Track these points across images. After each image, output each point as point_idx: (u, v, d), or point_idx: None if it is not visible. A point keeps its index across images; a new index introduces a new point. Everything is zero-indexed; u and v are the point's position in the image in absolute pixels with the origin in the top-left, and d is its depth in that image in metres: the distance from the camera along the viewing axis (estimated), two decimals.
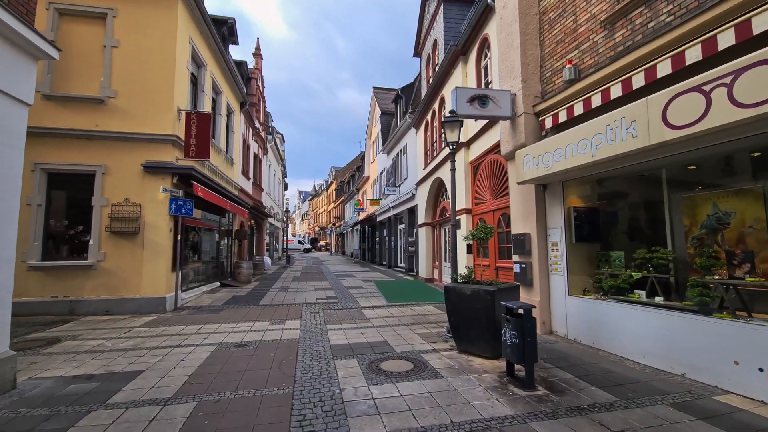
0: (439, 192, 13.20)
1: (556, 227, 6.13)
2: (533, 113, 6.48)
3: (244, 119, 16.14)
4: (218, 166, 11.82)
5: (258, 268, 16.93)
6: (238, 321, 7.18)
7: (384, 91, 25.32)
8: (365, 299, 9.80)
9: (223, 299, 9.76)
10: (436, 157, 12.35)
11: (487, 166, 8.42)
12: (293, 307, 8.62)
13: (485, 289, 4.76)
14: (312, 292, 11.31)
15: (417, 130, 15.21)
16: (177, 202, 8.31)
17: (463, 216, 9.43)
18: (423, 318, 7.43)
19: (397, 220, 19.93)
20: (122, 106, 8.16)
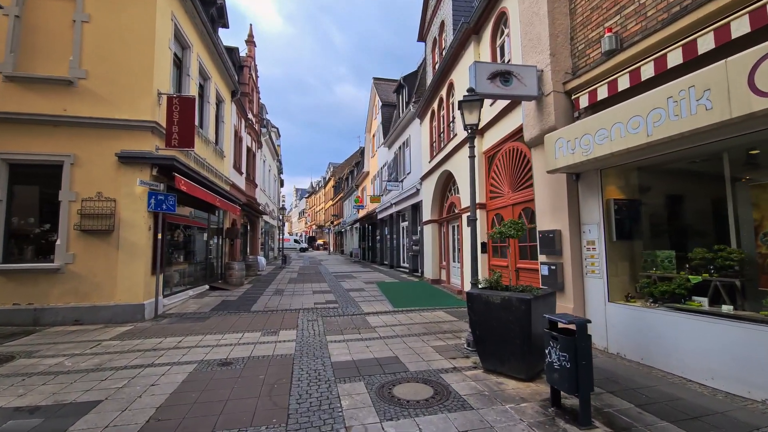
0: (446, 186, 12.44)
1: (592, 223, 5.38)
2: (563, 92, 5.73)
3: (235, 109, 15.33)
4: (206, 158, 11.03)
5: (251, 269, 16.17)
6: (226, 331, 6.41)
7: (384, 82, 24.53)
8: (368, 304, 9.05)
9: (211, 305, 8.99)
10: (443, 148, 11.58)
11: (506, 156, 7.66)
12: (289, 314, 7.86)
13: (519, 297, 4.01)
14: (309, 295, 10.55)
15: (422, 120, 14.44)
16: (157, 197, 7.53)
17: (478, 210, 8.66)
18: (435, 326, 6.69)
19: (400, 217, 19.17)
20: (94, 89, 7.36)
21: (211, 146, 11.73)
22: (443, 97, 11.65)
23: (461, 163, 9.82)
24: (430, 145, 13.35)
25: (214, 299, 9.78)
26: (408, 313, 7.91)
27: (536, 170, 6.27)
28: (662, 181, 5.44)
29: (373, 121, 26.56)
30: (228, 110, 14.06)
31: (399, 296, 10.11)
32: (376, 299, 9.75)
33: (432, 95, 12.64)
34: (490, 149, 8.42)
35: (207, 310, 8.31)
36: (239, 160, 16.17)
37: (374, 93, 24.64)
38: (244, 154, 17.14)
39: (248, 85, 17.76)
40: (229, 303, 9.28)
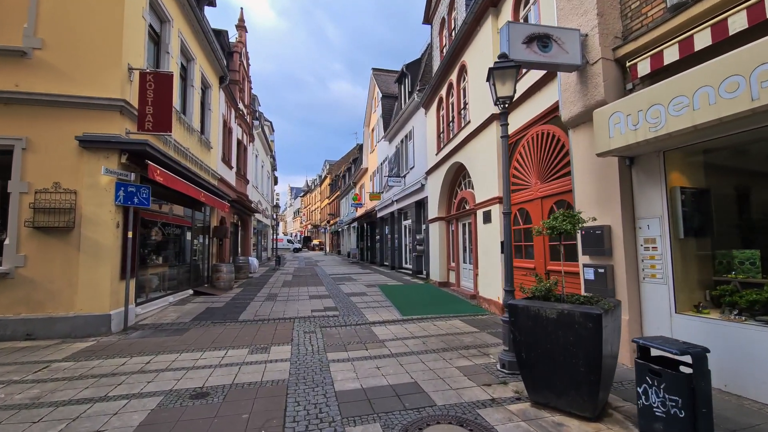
0: (456, 180, 11.53)
1: (651, 216, 4.49)
2: (613, 59, 4.83)
3: (224, 97, 14.33)
4: (190, 148, 10.04)
5: (242, 271, 15.17)
6: (206, 348, 5.45)
7: (384, 73, 23.59)
8: (373, 311, 8.12)
9: (194, 313, 8.01)
10: (453, 138, 10.67)
11: (532, 142, 6.75)
12: (282, 325, 6.91)
13: (585, 312, 3.09)
14: (306, 301, 9.60)
15: (427, 110, 13.53)
16: (126, 189, 6.55)
17: (494, 206, 7.77)
18: (455, 340, 5.77)
19: (402, 215, 18.25)
20: (52, 61, 6.37)
21: (196, 135, 10.73)
22: (453, 83, 10.73)
23: (476, 153, 8.91)
24: (437, 137, 12.44)
25: (198, 306, 8.79)
26: (419, 323, 6.98)
27: (576, 155, 5.37)
28: (738, 165, 4.56)
29: (372, 115, 25.62)
30: (216, 97, 13.06)
31: (406, 302, 9.18)
32: (380, 305, 8.81)
33: (440, 81, 11.72)
34: (511, 136, 7.50)
35: (188, 320, 7.33)
36: (228, 152, 15.17)
37: (373, 84, 23.70)
38: (234, 146, 16.14)
39: (238, 72, 16.75)
40: (215, 311, 8.31)
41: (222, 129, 14.06)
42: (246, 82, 19.02)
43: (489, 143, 8.08)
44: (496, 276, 7.65)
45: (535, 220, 6.55)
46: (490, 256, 7.94)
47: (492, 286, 7.85)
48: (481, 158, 8.60)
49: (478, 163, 8.75)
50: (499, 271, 7.50)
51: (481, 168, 8.60)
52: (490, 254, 7.97)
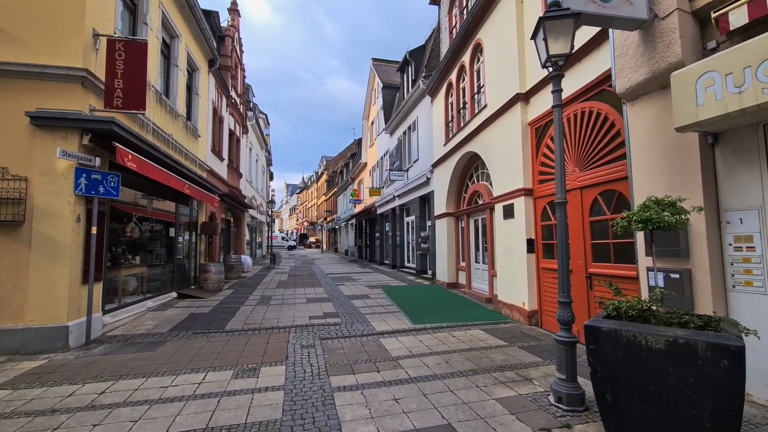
0: (467, 172, 10.53)
1: (747, 207, 3.51)
2: (691, 11, 3.83)
3: (214, 83, 13.21)
4: (173, 134, 8.95)
5: (234, 271, 14.10)
6: (181, 369, 4.42)
7: (385, 63, 22.52)
8: (379, 318, 7.11)
9: (174, 320, 6.96)
10: (465, 126, 9.66)
11: (570, 124, 5.72)
12: (275, 336, 5.88)
13: (715, 343, 2.10)
14: (303, 305, 8.57)
15: (433, 98, 12.50)
16: (90, 176, 5.48)
17: (517, 199, 6.77)
18: (483, 357, 4.77)
19: (404, 211, 17.24)
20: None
21: (181, 121, 9.63)
22: (465, 65, 9.71)
23: (494, 141, 7.90)
24: (446, 126, 11.42)
25: (180, 312, 7.73)
26: (435, 333, 5.99)
27: (635, 135, 4.37)
28: None
29: (371, 107, 24.54)
30: (204, 82, 11.95)
31: (415, 306, 8.18)
32: (387, 310, 7.81)
33: (449, 65, 10.69)
34: (538, 119, 6.51)
35: (165, 330, 6.28)
36: (219, 143, 14.06)
37: (373, 75, 22.61)
38: (225, 137, 15.02)
39: (231, 58, 15.61)
40: (199, 317, 7.26)
41: (212, 117, 12.95)
42: (239, 70, 17.87)
43: (511, 128, 7.07)
44: (520, 279, 6.66)
45: (572, 214, 5.56)
46: (512, 255, 6.95)
47: (515, 290, 6.86)
48: (500, 145, 7.60)
49: (497, 152, 7.74)
50: (524, 273, 6.52)
51: (500, 157, 7.60)
52: (512, 254, 6.98)
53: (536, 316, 6.39)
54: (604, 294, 4.84)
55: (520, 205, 6.72)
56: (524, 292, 6.51)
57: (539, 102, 6.47)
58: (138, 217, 7.80)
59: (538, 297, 6.39)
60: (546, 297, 6.23)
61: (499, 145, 7.66)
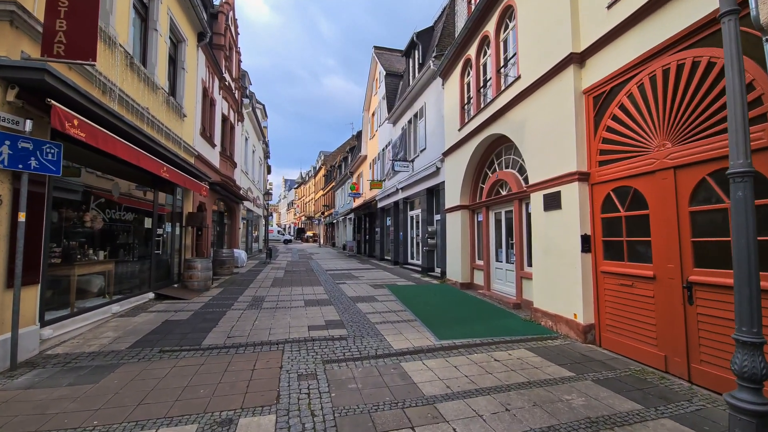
0: (486, 159, 9.05)
1: None
2: None
3: (205, 60, 11.55)
4: (150, 108, 7.36)
5: (226, 266, 12.54)
6: (123, 416, 2.92)
7: (387, 52, 20.88)
8: (393, 329, 5.64)
9: (141, 331, 5.43)
10: (487, 106, 8.16)
11: (657, 82, 4.22)
12: (265, 358, 4.38)
13: None
14: (300, 309, 7.06)
15: (445, 79, 10.98)
16: (16, 143, 3.94)
17: (568, 186, 5.29)
18: (555, 399, 3.31)
19: (408, 204, 15.75)
20: None
21: (161, 96, 8.02)
22: (490, 35, 8.19)
23: (531, 117, 6.42)
24: (460, 109, 9.91)
25: (152, 318, 6.19)
26: (470, 354, 4.53)
27: None
28: None
29: (372, 98, 22.92)
30: (192, 56, 10.30)
31: (432, 312, 6.72)
32: (400, 318, 6.33)
33: (468, 38, 9.16)
34: (599, 85, 5.02)
35: (125, 346, 4.75)
36: (210, 127, 12.42)
37: (375, 63, 20.98)
38: (218, 122, 13.38)
39: (224, 37, 13.93)
40: (173, 326, 5.72)
41: (201, 97, 11.31)
42: (234, 53, 16.18)
43: (559, 98, 5.59)
44: (570, 284, 5.21)
45: (656, 203, 4.11)
46: (559, 255, 5.49)
47: (562, 297, 5.41)
48: (540, 122, 6.11)
49: (535, 130, 6.26)
50: (576, 277, 5.07)
51: (539, 136, 6.12)
52: (558, 252, 5.52)
53: (593, 331, 4.95)
54: (713, 312, 3.39)
55: (572, 193, 5.24)
56: (577, 302, 5.06)
57: (601, 63, 4.97)
58: (101, 204, 6.21)
59: (596, 308, 4.94)
60: (607, 308, 4.78)
61: (538, 122, 6.17)
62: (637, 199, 4.40)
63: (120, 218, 6.80)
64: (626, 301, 4.47)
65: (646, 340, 4.20)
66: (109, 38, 5.90)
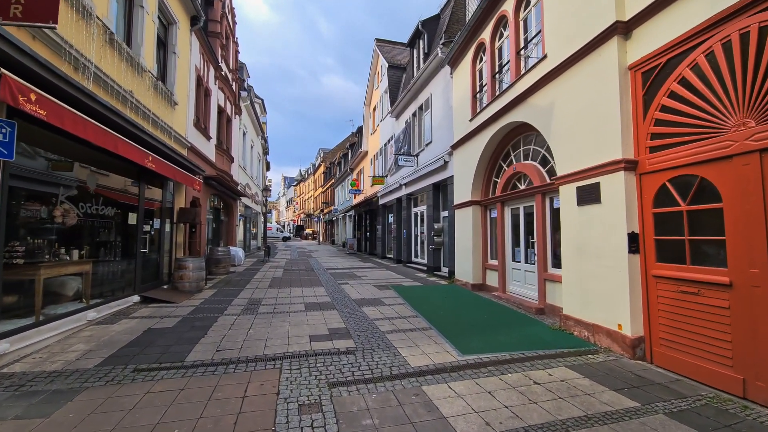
0: (501, 150, 8.28)
1: None
2: None
3: (199, 47, 10.71)
4: (134, 92, 6.55)
5: (222, 265, 11.75)
6: None
7: (389, 44, 20.05)
8: (406, 339, 4.88)
9: (117, 342, 4.64)
10: (505, 92, 7.39)
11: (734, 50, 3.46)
12: (258, 380, 3.61)
13: None
14: (300, 314, 6.29)
15: (455, 67, 10.19)
16: None
17: (611, 177, 4.52)
18: None
19: (412, 201, 14.98)
20: None
21: (148, 79, 7.20)
22: (508, 14, 7.40)
23: (561, 99, 5.65)
24: (472, 98, 9.13)
25: (133, 326, 5.41)
26: (503, 374, 3.77)
27: None
28: None
29: (373, 92, 22.09)
30: (185, 41, 9.47)
31: (447, 319, 5.96)
32: (413, 325, 5.57)
33: (481, 20, 8.37)
34: (650, 58, 4.24)
35: (93, 364, 3.97)
36: (205, 118, 11.59)
37: (377, 56, 20.14)
38: (213, 113, 12.54)
39: (221, 24, 13.08)
40: (155, 337, 4.94)
41: (195, 86, 10.47)
42: (231, 42, 15.32)
43: (599, 76, 4.82)
44: (613, 290, 4.46)
45: (733, 195, 3.36)
46: (596, 256, 4.74)
47: (602, 305, 4.66)
48: (573, 105, 5.35)
49: (566, 115, 5.49)
50: (622, 282, 4.32)
51: (572, 121, 5.35)
52: (595, 253, 4.77)
53: (642, 345, 4.20)
54: None
55: (615, 184, 4.48)
56: (622, 310, 4.31)
57: (653, 32, 4.19)
58: (75, 196, 5.41)
59: (646, 318, 4.19)
60: (661, 319, 4.03)
61: (569, 105, 5.40)
62: (704, 190, 3.64)
63: (99, 213, 5.99)
64: (688, 311, 3.72)
65: (717, 359, 3.46)
66: (83, 7, 5.09)
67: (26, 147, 4.49)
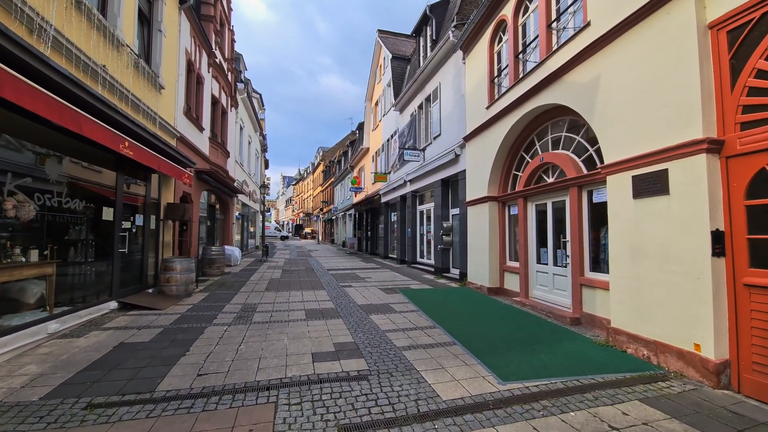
0: (524, 140, 7.40)
1: None
2: None
3: (190, 28, 9.78)
4: (108, 67, 5.64)
5: (216, 266, 10.85)
6: None
7: (392, 36, 19.12)
8: (427, 358, 4.00)
9: (77, 364, 3.75)
10: (533, 71, 6.52)
11: None
12: (247, 424, 2.72)
13: None
14: (301, 325, 5.40)
15: (468, 52, 9.31)
16: None
17: (689, 160, 3.62)
18: None
19: (417, 198, 14.09)
20: None
21: (127, 55, 6.28)
22: None
23: (610, 73, 4.77)
24: (489, 83, 8.25)
25: (102, 340, 4.50)
26: (564, 414, 2.90)
27: None
28: None
29: (375, 86, 21.17)
30: (172, 18, 8.54)
31: (470, 330, 5.09)
32: (432, 339, 4.70)
33: None
34: (746, 10, 3.36)
35: (39, 395, 3.08)
36: (197, 108, 10.66)
37: (379, 48, 19.22)
38: (207, 103, 11.61)
39: (215, 8, 12.13)
40: (125, 356, 4.04)
41: (186, 71, 9.55)
42: (226, 30, 14.37)
43: (665, 38, 3.94)
44: (688, 300, 3.59)
45: None
46: (661, 259, 3.88)
47: (671, 319, 3.80)
48: (627, 78, 4.47)
49: (619, 90, 4.61)
50: (703, 290, 3.45)
51: (627, 97, 4.47)
52: (660, 255, 3.91)
53: (728, 371, 3.34)
54: None
55: (691, 170, 3.61)
56: (702, 327, 3.45)
57: None
58: (31, 187, 4.50)
59: (734, 337, 3.33)
60: (754, 338, 3.17)
61: (623, 78, 4.52)
62: None
63: (65, 207, 5.08)
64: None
65: None
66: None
67: None
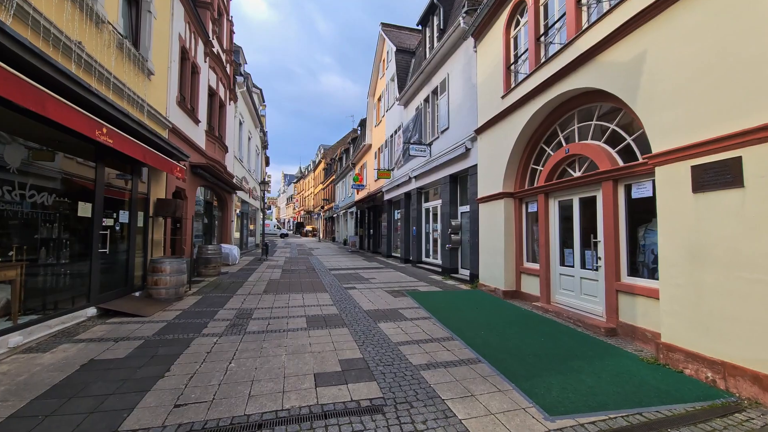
0: (546, 130, 6.73)
1: None
2: None
3: (184, 14, 9.08)
4: (83, 44, 4.96)
5: (212, 266, 10.19)
6: None
7: (396, 29, 18.41)
8: (451, 381, 3.34)
9: (33, 388, 3.08)
10: (560, 53, 5.84)
11: None
12: None
13: None
14: (301, 335, 4.74)
15: (480, 39, 8.63)
16: None
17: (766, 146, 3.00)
18: None
19: (423, 195, 13.42)
20: None
21: (108, 33, 5.60)
22: None
23: (658, 49, 4.09)
24: (506, 70, 7.56)
25: (71, 356, 3.84)
26: None
27: None
28: None
29: (378, 81, 20.46)
30: (164, 1, 7.84)
31: (494, 343, 4.44)
32: (452, 354, 4.04)
33: None
34: None
35: None
36: (192, 98, 9.97)
37: (382, 42, 18.49)
38: (203, 94, 10.92)
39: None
40: (93, 377, 3.38)
41: (179, 58, 8.86)
42: (225, 20, 13.67)
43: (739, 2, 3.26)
44: None
45: None
46: (729, 265, 3.22)
47: (746, 338, 3.13)
48: (683, 54, 3.79)
49: (674, 67, 3.93)
50: None
51: (684, 74, 3.78)
52: (730, 260, 3.24)
53: None
54: None
55: (757, 156, 2.94)
56: None
57: None
58: None
59: None
60: None
61: (679, 53, 3.83)
62: None
63: (31, 201, 4.41)
64: None
65: None
66: None
67: None
